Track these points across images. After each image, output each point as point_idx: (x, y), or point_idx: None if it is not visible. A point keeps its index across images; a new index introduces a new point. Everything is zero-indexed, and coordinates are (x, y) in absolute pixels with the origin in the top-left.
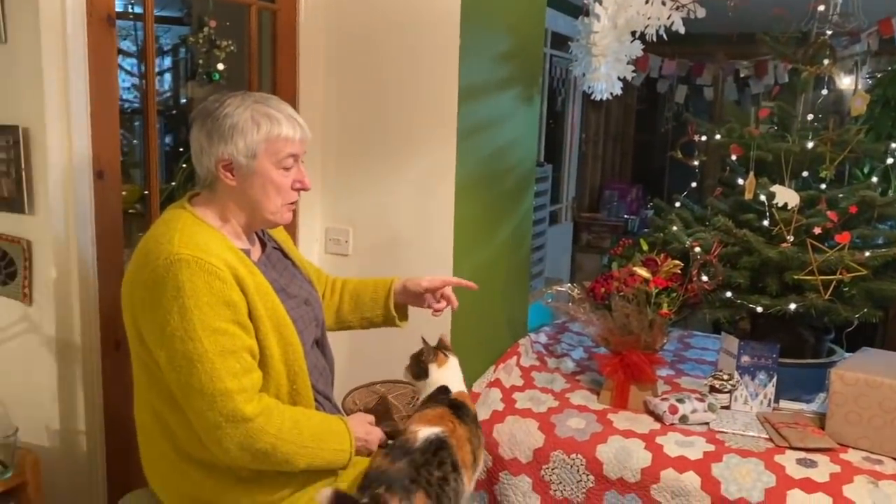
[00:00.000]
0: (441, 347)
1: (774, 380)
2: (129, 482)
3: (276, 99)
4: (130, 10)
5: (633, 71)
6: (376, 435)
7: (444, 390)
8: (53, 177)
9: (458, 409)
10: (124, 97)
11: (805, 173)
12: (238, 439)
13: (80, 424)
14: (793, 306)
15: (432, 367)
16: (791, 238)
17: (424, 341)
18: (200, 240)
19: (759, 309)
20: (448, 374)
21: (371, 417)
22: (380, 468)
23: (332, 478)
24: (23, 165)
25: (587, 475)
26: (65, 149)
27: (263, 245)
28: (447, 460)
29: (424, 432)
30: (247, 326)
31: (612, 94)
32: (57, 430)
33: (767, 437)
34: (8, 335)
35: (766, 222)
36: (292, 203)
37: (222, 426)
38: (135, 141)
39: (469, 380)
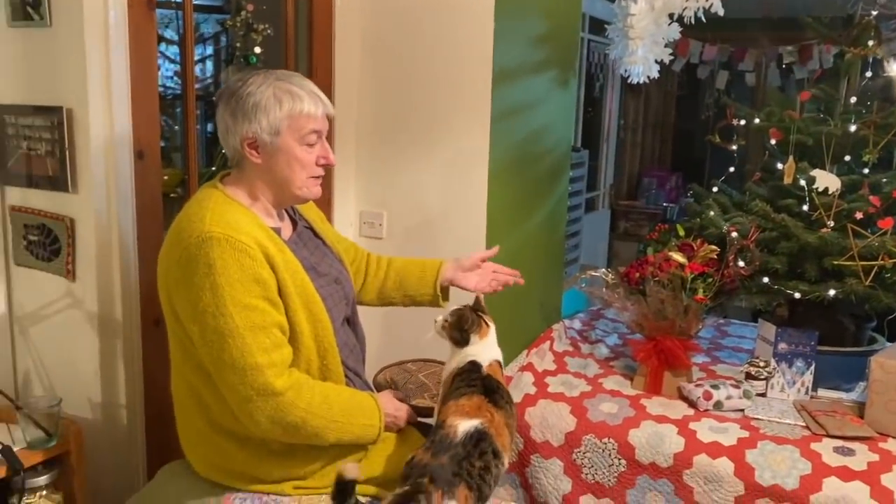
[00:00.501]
0: (478, 308)
1: (812, 368)
2: (167, 453)
3: (298, 76)
4: (174, 1)
5: (671, 54)
6: (405, 411)
7: (475, 367)
8: (95, 156)
9: (492, 393)
10: (167, 84)
11: (847, 157)
12: (268, 412)
13: (120, 398)
14: (832, 292)
15: (474, 338)
16: (831, 223)
17: (468, 308)
18: (231, 218)
19: (797, 295)
20: (487, 346)
21: (400, 394)
22: (422, 462)
23: (362, 452)
24: (66, 145)
25: (619, 459)
26: (106, 129)
27: (295, 224)
28: (488, 450)
29: (464, 426)
30: (276, 303)
31: (649, 77)
32: (99, 403)
33: (804, 424)
34: (52, 310)
35: (805, 207)
36: (319, 177)
37: (253, 399)
38: (176, 127)
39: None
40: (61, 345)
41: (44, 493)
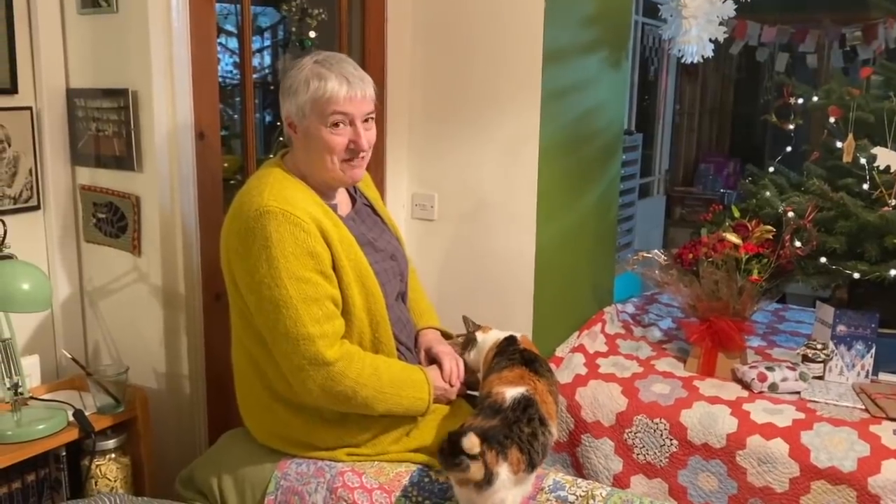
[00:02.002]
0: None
1: (873, 350)
2: (227, 421)
3: (338, 58)
4: None
5: (725, 32)
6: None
7: (511, 340)
8: (159, 137)
9: (532, 363)
10: (228, 75)
11: None
12: (320, 381)
13: (183, 368)
14: (893, 272)
15: (479, 335)
16: (893, 202)
17: (465, 319)
18: (289, 194)
19: (856, 275)
20: (494, 336)
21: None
22: (473, 425)
23: (412, 423)
24: (132, 126)
25: (671, 440)
26: (169, 111)
27: (354, 201)
28: (535, 416)
29: (511, 392)
30: (329, 276)
31: (705, 59)
32: (163, 372)
33: (863, 407)
34: (120, 284)
35: (865, 186)
36: (350, 160)
37: (305, 368)
38: (236, 116)
39: (552, 345)
40: (128, 317)
41: (113, 455)
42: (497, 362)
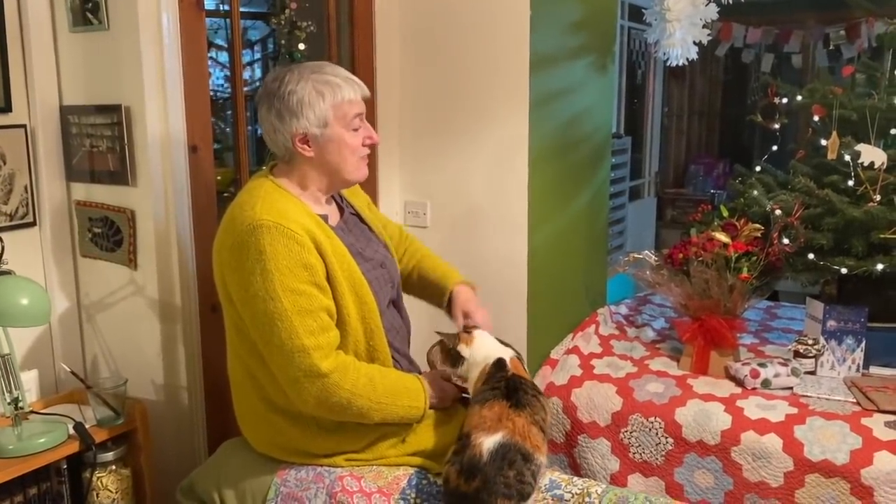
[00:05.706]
0: (466, 330)
1: (863, 344)
2: (225, 431)
3: (329, 65)
4: (223, 9)
5: (709, 35)
6: (450, 391)
7: (500, 366)
8: (152, 151)
9: (514, 393)
10: (219, 89)
11: (893, 131)
12: (315, 393)
13: (181, 379)
14: (880, 267)
15: (462, 349)
16: (878, 197)
17: (439, 333)
18: (281, 206)
19: (844, 270)
20: (483, 347)
21: (446, 374)
22: (458, 490)
23: (408, 428)
24: (125, 141)
25: (666, 438)
26: (162, 126)
27: (342, 211)
28: (516, 458)
29: (488, 444)
30: (324, 288)
31: (689, 61)
32: (161, 384)
33: (854, 400)
34: (117, 297)
35: (850, 182)
36: (365, 157)
37: (300, 380)
38: (227, 129)
39: (546, 347)
40: (125, 330)
41: (113, 467)
42: (482, 391)
